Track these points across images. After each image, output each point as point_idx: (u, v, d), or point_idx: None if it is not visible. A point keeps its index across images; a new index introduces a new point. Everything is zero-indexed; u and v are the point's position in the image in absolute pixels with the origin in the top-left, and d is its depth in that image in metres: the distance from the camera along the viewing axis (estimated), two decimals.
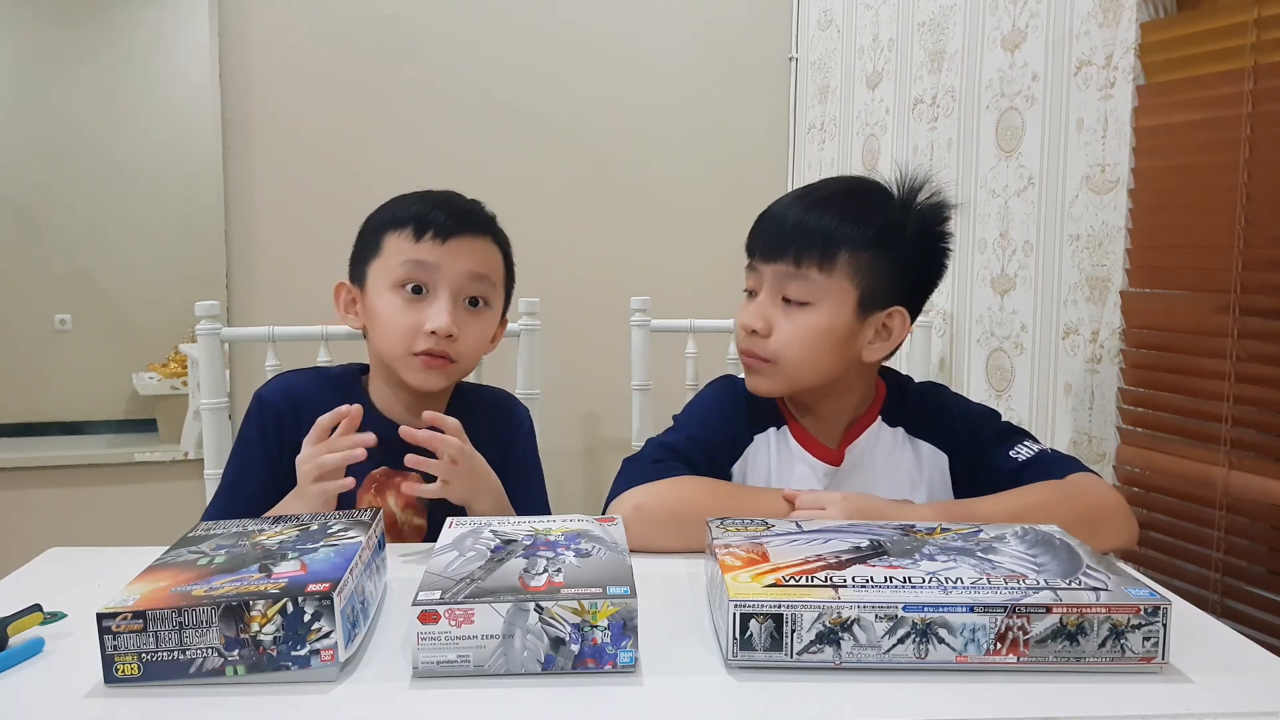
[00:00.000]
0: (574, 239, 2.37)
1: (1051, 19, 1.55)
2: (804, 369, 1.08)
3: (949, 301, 1.85)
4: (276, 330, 1.58)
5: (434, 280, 1.11)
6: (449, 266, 1.11)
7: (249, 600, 0.67)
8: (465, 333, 1.12)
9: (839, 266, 1.05)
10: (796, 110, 2.47)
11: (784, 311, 1.07)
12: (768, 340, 1.07)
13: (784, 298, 1.07)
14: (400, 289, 1.11)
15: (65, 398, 2.27)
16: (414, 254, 1.10)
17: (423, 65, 2.27)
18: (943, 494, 1.13)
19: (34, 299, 2.21)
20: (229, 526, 0.86)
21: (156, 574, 0.74)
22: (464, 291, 1.12)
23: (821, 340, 1.06)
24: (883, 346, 1.10)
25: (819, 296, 1.06)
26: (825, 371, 1.09)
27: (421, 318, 1.09)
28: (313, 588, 0.68)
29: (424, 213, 1.12)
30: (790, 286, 1.06)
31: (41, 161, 2.19)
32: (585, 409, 2.41)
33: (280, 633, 0.67)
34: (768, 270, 1.08)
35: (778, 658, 0.70)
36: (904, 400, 1.18)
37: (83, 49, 2.18)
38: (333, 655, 0.68)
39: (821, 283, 1.05)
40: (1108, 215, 1.45)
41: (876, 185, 1.12)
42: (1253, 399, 1.23)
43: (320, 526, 0.84)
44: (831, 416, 1.15)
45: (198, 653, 0.67)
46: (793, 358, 1.07)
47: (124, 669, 0.67)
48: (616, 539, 0.82)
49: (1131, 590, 0.72)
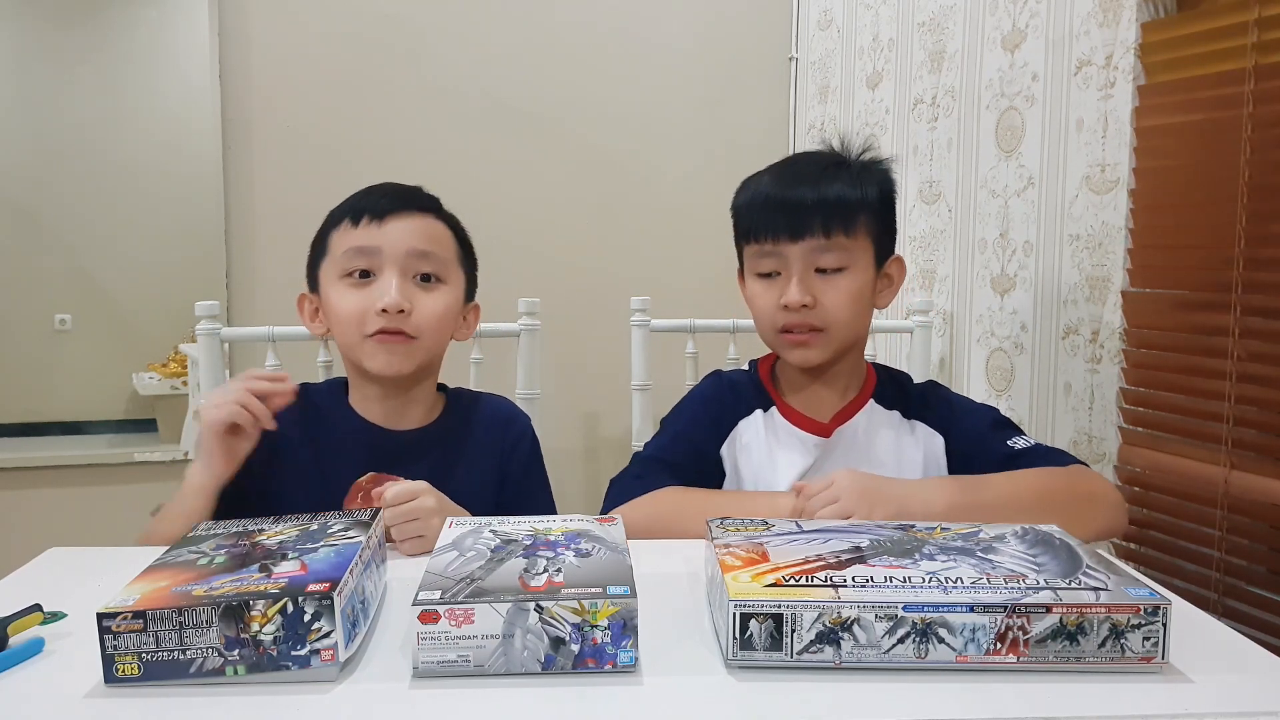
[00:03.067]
0: (574, 239, 2.37)
1: (1051, 19, 1.55)
2: (850, 329, 1.16)
3: (949, 301, 1.85)
4: (276, 330, 1.58)
5: (378, 262, 1.10)
6: (390, 246, 1.10)
7: (249, 600, 0.67)
8: (419, 307, 1.10)
9: (860, 229, 1.14)
10: (796, 110, 2.47)
11: (822, 281, 1.14)
12: (815, 311, 1.13)
13: (817, 269, 1.14)
14: (348, 278, 1.11)
15: (65, 398, 2.27)
16: (354, 241, 1.10)
17: (423, 65, 2.27)
18: (937, 474, 1.18)
19: (34, 299, 2.21)
20: (229, 526, 0.85)
21: (156, 574, 0.74)
22: (411, 268, 1.11)
23: (860, 299, 1.15)
24: (889, 293, 1.20)
25: (851, 260, 1.14)
26: (863, 328, 1.19)
27: (371, 299, 1.09)
28: (313, 587, 0.68)
29: (359, 201, 1.13)
30: (824, 258, 1.13)
31: (41, 161, 2.19)
32: (585, 409, 2.41)
33: (280, 633, 0.67)
34: (795, 249, 1.14)
35: (778, 658, 0.69)
36: (901, 391, 1.24)
37: (83, 49, 2.18)
38: (333, 655, 0.68)
39: (851, 247, 1.13)
40: (1108, 215, 1.45)
41: (843, 155, 1.19)
42: (1253, 399, 1.23)
43: (320, 526, 0.84)
44: (823, 395, 1.21)
45: (198, 652, 0.67)
46: (842, 319, 1.14)
47: (124, 669, 0.67)
48: (616, 539, 0.82)
49: (1131, 590, 0.72)
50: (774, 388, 1.24)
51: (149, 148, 2.23)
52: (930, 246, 1.91)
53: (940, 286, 1.88)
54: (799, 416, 1.20)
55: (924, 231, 1.93)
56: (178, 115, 2.23)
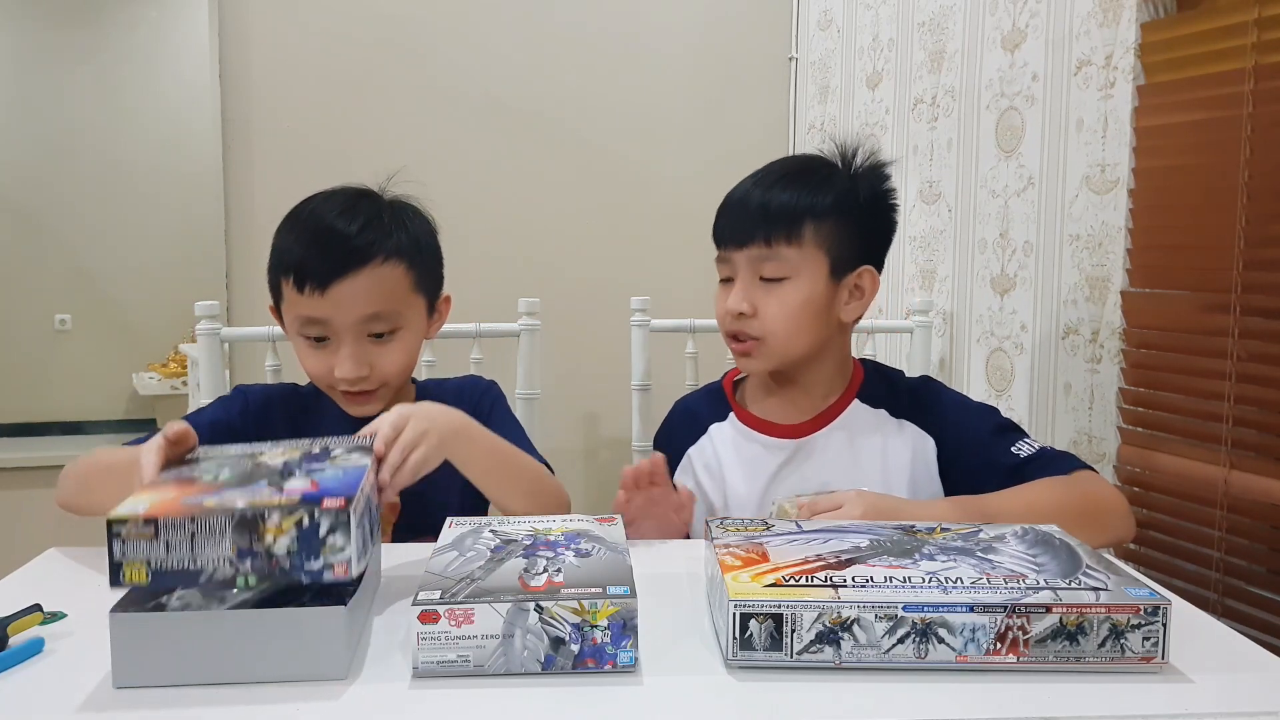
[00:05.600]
0: (574, 239, 2.37)
1: (1051, 19, 1.55)
2: (792, 341, 1.14)
3: (949, 301, 1.85)
4: (276, 330, 1.57)
5: (329, 330, 1.09)
6: (338, 317, 1.08)
7: (265, 512, 0.66)
8: (378, 363, 1.10)
9: (807, 238, 1.11)
10: (796, 110, 2.46)
11: (764, 290, 1.13)
12: (754, 320, 1.13)
13: (761, 277, 1.13)
14: (304, 338, 1.11)
15: (65, 398, 2.27)
16: (302, 309, 1.09)
17: (423, 65, 2.27)
18: (927, 480, 1.15)
19: (34, 299, 2.21)
20: (225, 450, 0.85)
21: (161, 488, 0.73)
22: (362, 331, 1.09)
23: (804, 310, 1.12)
24: (858, 305, 1.16)
25: (794, 270, 1.12)
26: (811, 340, 1.15)
27: (330, 363, 1.10)
28: (329, 503, 0.68)
29: (302, 259, 1.08)
30: (765, 266, 1.12)
31: (41, 161, 2.19)
32: (585, 409, 2.41)
33: (294, 546, 0.67)
34: (740, 256, 1.14)
35: (778, 657, 0.69)
36: (891, 387, 1.22)
37: (83, 49, 2.18)
38: (346, 569, 0.67)
39: (794, 257, 1.12)
40: (1108, 215, 1.45)
41: (822, 159, 1.18)
42: (1253, 399, 1.23)
43: (323, 449, 0.84)
44: (794, 399, 1.20)
45: (209, 562, 0.66)
46: (780, 331, 1.13)
47: (131, 574, 0.66)
48: (616, 539, 0.82)
49: (1131, 590, 0.72)
50: (735, 396, 1.25)
51: (149, 148, 2.23)
52: (930, 246, 1.91)
53: (940, 286, 1.88)
54: (760, 422, 1.20)
55: (924, 231, 1.93)
56: (178, 115, 2.23)
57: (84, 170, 2.20)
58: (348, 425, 1.14)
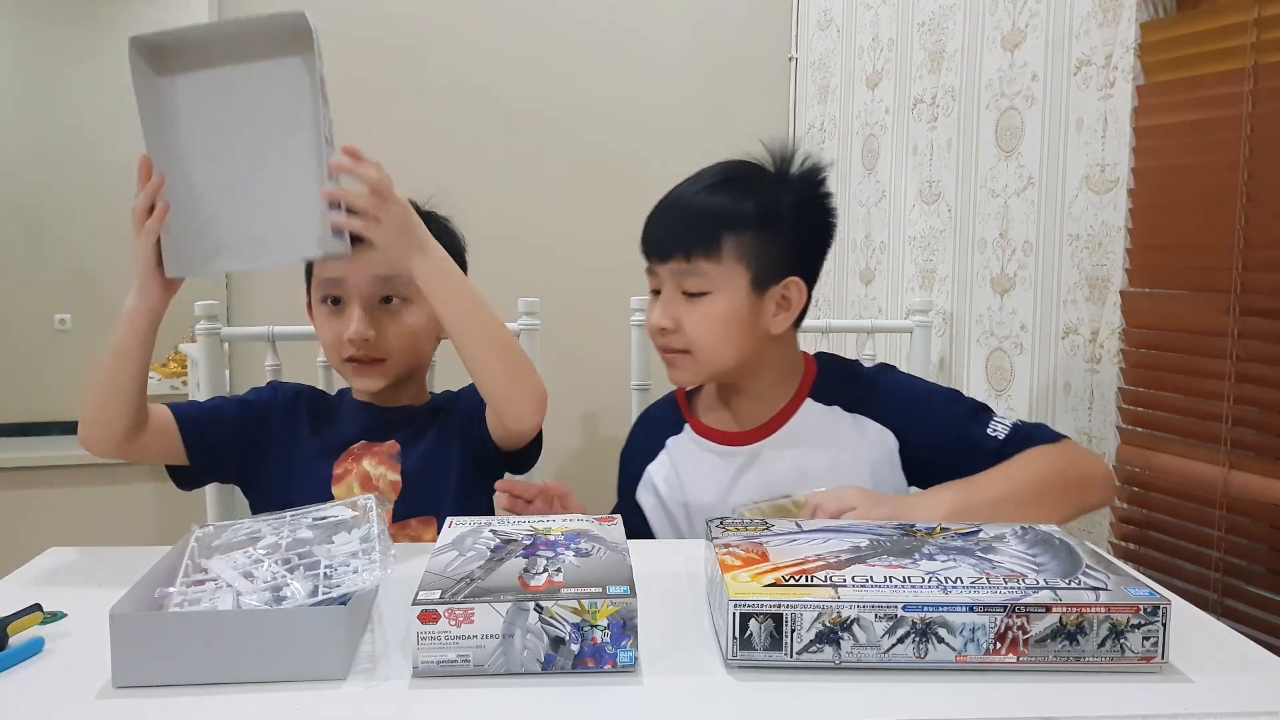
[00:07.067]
0: (574, 239, 2.36)
1: (1051, 19, 1.55)
2: (718, 354, 1.13)
3: (949, 301, 1.85)
4: (276, 330, 1.58)
5: (345, 292, 1.17)
6: (353, 277, 1.16)
7: None
8: (384, 331, 1.17)
9: (726, 252, 1.10)
10: (796, 110, 2.46)
11: (687, 304, 1.12)
12: (678, 334, 1.12)
13: (684, 291, 1.12)
14: (324, 304, 1.19)
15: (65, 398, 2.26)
16: (325, 271, 1.18)
17: (423, 65, 2.27)
18: (890, 474, 1.14)
19: (34, 299, 2.21)
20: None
21: None
22: (375, 295, 1.17)
23: (727, 325, 1.11)
24: (786, 317, 1.14)
25: (714, 285, 1.11)
26: (739, 353, 1.13)
27: (342, 327, 1.16)
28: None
29: None
30: (686, 281, 1.12)
31: (41, 161, 2.19)
32: (585, 409, 2.41)
33: None
34: (664, 269, 1.14)
35: (777, 657, 0.70)
36: (847, 380, 1.20)
37: (83, 49, 2.18)
38: None
39: (713, 272, 1.11)
40: (1108, 215, 1.45)
41: (749, 166, 1.17)
42: (1253, 399, 1.23)
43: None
44: (743, 406, 1.19)
45: None
46: (705, 345, 1.12)
47: None
48: (617, 539, 0.83)
49: (1131, 590, 0.72)
50: (689, 406, 1.25)
51: None
52: (930, 246, 1.91)
53: (940, 286, 1.88)
54: (714, 432, 1.19)
55: (924, 231, 1.93)
56: None
57: (84, 170, 2.20)
58: (363, 424, 1.22)
